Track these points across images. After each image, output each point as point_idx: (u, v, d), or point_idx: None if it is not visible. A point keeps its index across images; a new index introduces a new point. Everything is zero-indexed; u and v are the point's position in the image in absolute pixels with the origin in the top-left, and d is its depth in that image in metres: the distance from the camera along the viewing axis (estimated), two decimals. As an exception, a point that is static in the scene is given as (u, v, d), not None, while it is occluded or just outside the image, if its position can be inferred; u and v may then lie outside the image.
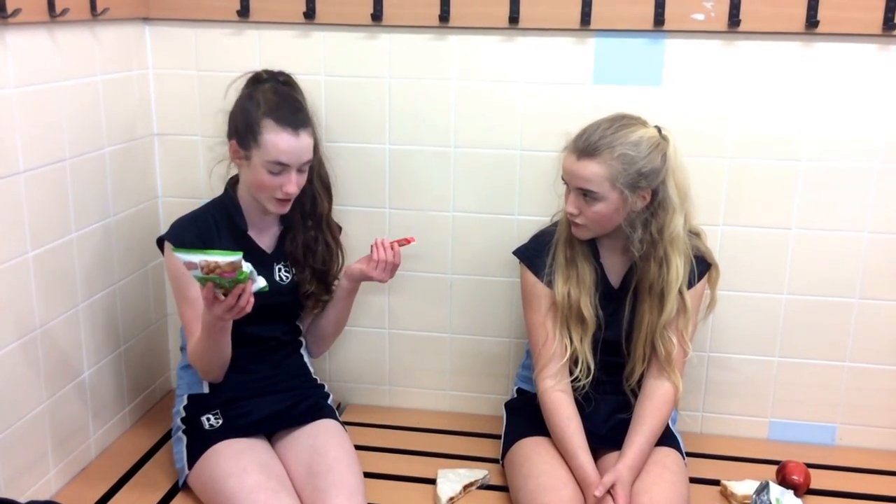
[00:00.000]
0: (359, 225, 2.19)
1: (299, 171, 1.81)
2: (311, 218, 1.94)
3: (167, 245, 1.83)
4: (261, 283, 1.64)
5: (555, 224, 1.91)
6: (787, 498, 1.78)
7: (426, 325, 2.27)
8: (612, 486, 1.68)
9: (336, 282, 2.04)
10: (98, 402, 2.02)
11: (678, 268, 1.77)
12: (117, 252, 2.05)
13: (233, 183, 1.94)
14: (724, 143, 2.02)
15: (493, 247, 2.11)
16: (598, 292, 1.84)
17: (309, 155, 1.81)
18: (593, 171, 1.70)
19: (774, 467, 1.97)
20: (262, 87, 1.85)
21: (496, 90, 2.06)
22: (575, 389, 1.85)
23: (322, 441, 1.83)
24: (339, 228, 2.08)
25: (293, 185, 1.79)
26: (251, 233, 1.91)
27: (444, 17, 2.00)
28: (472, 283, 2.19)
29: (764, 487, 1.79)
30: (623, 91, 2.00)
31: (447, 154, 2.12)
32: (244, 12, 2.08)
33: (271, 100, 1.80)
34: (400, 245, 1.99)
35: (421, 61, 2.07)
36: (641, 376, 1.87)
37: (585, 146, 1.71)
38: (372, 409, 2.32)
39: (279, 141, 1.76)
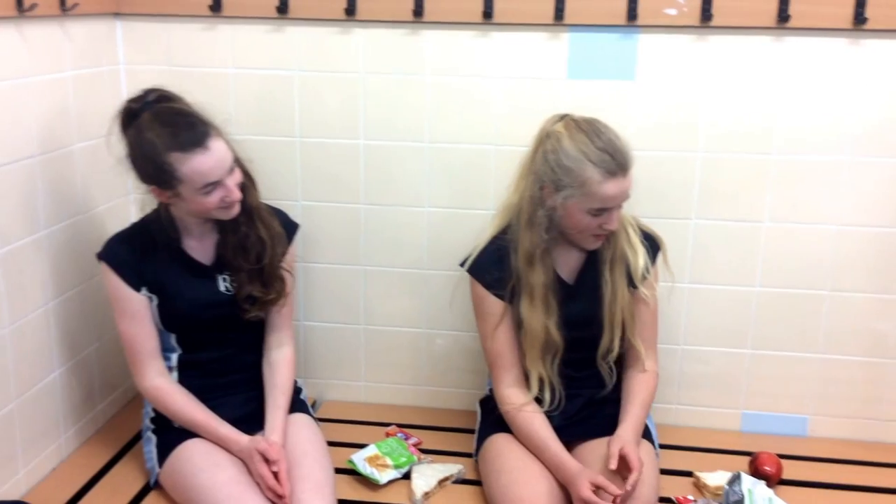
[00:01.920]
0: (333, 221, 2.18)
1: (230, 174, 1.72)
2: (242, 213, 1.80)
3: (101, 262, 1.80)
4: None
5: (502, 234, 1.86)
6: (758, 489, 1.80)
7: (402, 320, 2.27)
8: (622, 452, 1.70)
9: (282, 276, 1.89)
10: (68, 403, 2.00)
11: (630, 234, 1.84)
12: (88, 250, 2.02)
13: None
14: (696, 136, 2.03)
15: (469, 242, 2.10)
16: (559, 300, 1.84)
17: (230, 156, 1.72)
18: (632, 177, 1.73)
19: (747, 458, 1.99)
20: (141, 120, 1.69)
21: (471, 85, 2.06)
22: (548, 413, 1.85)
23: (292, 435, 1.83)
24: (277, 213, 1.92)
25: (234, 191, 1.72)
26: (188, 248, 1.84)
27: (419, 11, 2.00)
28: (447, 278, 2.19)
29: (736, 478, 1.80)
30: (597, 86, 2.01)
31: (422, 149, 2.12)
32: (216, 7, 2.06)
33: (162, 131, 1.66)
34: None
35: (395, 56, 2.07)
36: (619, 353, 1.88)
37: (625, 163, 1.70)
38: (348, 405, 2.32)
39: (198, 166, 1.66)
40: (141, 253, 1.80)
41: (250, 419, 1.85)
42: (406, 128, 2.11)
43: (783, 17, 1.91)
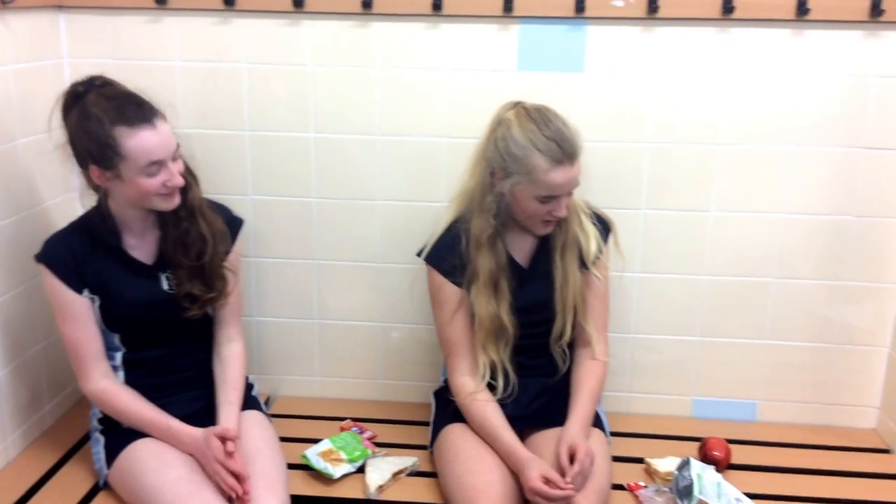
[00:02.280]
0: (285, 215, 2.17)
1: (174, 159, 1.70)
2: (183, 208, 1.77)
3: (40, 264, 1.76)
4: None
5: (457, 222, 1.88)
6: (707, 473, 1.83)
7: (356, 314, 2.26)
8: (570, 450, 1.72)
9: (224, 275, 1.85)
10: (15, 403, 1.96)
11: (581, 218, 1.87)
12: (33, 247, 1.97)
13: (104, 195, 1.78)
14: (644, 127, 2.05)
15: (421, 234, 2.10)
16: (514, 285, 1.85)
17: (174, 140, 1.69)
18: (580, 165, 1.75)
19: (697, 444, 2.02)
20: (87, 100, 1.66)
21: (421, 77, 2.06)
22: (500, 400, 1.86)
23: (244, 432, 1.81)
24: (220, 209, 1.89)
25: (176, 176, 1.68)
26: (127, 247, 1.80)
27: (367, 3, 1.99)
28: (400, 270, 2.19)
29: (685, 464, 1.83)
30: (546, 77, 2.02)
31: (373, 142, 2.11)
32: (162, -1, 2.03)
33: (108, 107, 1.64)
34: None
35: (344, 49, 2.05)
36: (572, 336, 1.90)
37: (572, 151, 1.72)
38: (302, 400, 2.31)
39: (143, 142, 1.63)
40: (81, 253, 1.76)
41: (201, 416, 1.82)
42: (357, 121, 2.10)
43: (728, 8, 1.93)
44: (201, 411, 1.84)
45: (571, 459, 1.70)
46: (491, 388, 1.87)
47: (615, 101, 2.04)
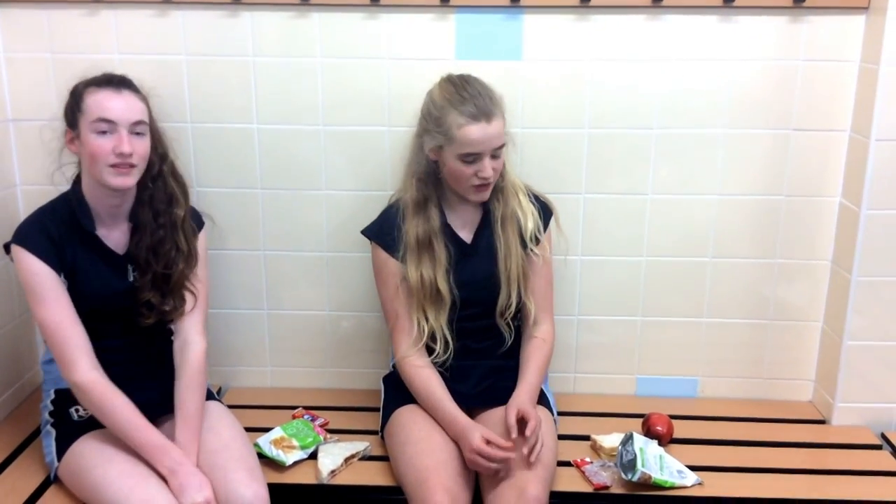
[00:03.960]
0: (230, 207, 2.17)
1: (135, 134, 1.71)
2: (163, 217, 1.81)
3: (17, 248, 1.73)
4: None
5: (398, 200, 1.95)
6: (650, 447, 1.89)
7: (304, 303, 2.28)
8: (519, 414, 1.77)
9: (185, 294, 1.86)
10: (-39, 400, 1.95)
11: (520, 198, 1.93)
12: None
13: (78, 180, 1.82)
14: (582, 114, 2.10)
15: (367, 223, 2.14)
16: (453, 257, 1.90)
17: (138, 115, 1.72)
18: (499, 126, 1.80)
19: (640, 420, 2.08)
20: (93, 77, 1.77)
21: (361, 67, 2.08)
22: (439, 365, 1.91)
23: (214, 421, 1.82)
24: (197, 224, 1.92)
25: (125, 143, 1.68)
26: (100, 233, 1.80)
27: (306, -6, 2.01)
28: (347, 259, 2.21)
29: (629, 438, 1.89)
30: (485, 66, 2.04)
31: (317, 132, 2.13)
32: (98, -8, 2.02)
33: (97, 76, 1.75)
34: None
35: (284, 39, 2.07)
36: (517, 310, 1.95)
37: (487, 108, 1.78)
38: (253, 390, 2.32)
39: (100, 98, 1.70)
40: (57, 236, 1.75)
41: (154, 406, 1.82)
42: (299, 111, 2.11)
43: (658, -4, 1.99)
44: (154, 402, 1.83)
45: (520, 425, 1.75)
46: (429, 351, 1.91)
47: (553, 88, 2.08)
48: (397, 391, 1.97)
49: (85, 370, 1.73)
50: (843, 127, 2.08)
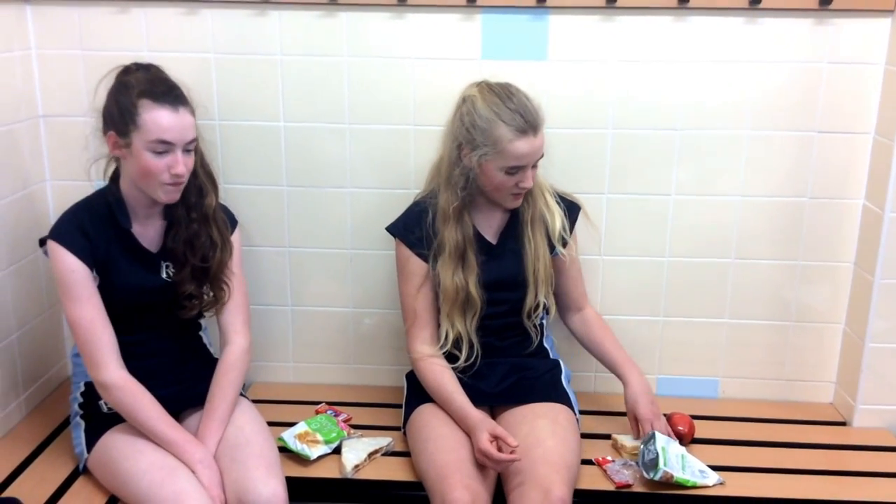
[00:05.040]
0: (255, 204, 2.20)
1: (185, 151, 1.72)
2: (195, 211, 1.82)
3: (54, 244, 1.74)
4: None
5: (424, 198, 1.96)
6: (672, 447, 1.89)
7: (328, 300, 2.30)
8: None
9: (223, 285, 1.89)
10: (-8, 391, 1.98)
11: (547, 198, 1.96)
12: (4, 237, 2.00)
13: (116, 177, 1.82)
14: (606, 114, 2.11)
15: (391, 221, 2.15)
16: (481, 259, 1.91)
17: (192, 133, 1.73)
18: (542, 137, 1.83)
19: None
20: (132, 75, 1.74)
21: (387, 67, 2.10)
22: (463, 371, 1.92)
23: (237, 416, 1.84)
24: (231, 223, 1.93)
25: (181, 164, 1.70)
26: (135, 230, 1.82)
27: (334, -7, 2.02)
28: (371, 257, 2.23)
29: (651, 438, 1.89)
30: (510, 66, 2.06)
31: (342, 131, 2.15)
32: (129, -10, 2.05)
33: (144, 80, 1.71)
34: None
35: (312, 38, 2.08)
36: (544, 310, 1.99)
37: (535, 122, 1.80)
38: (277, 385, 2.34)
39: (159, 118, 1.67)
40: (91, 233, 1.76)
41: (173, 402, 1.84)
42: (325, 110, 2.13)
43: (684, -3, 2.00)
44: (173, 397, 1.85)
45: (498, 444, 1.75)
46: (453, 358, 1.93)
47: (577, 88, 2.09)
48: (419, 388, 1.98)
49: (112, 369, 1.76)
50: (867, 129, 2.08)
